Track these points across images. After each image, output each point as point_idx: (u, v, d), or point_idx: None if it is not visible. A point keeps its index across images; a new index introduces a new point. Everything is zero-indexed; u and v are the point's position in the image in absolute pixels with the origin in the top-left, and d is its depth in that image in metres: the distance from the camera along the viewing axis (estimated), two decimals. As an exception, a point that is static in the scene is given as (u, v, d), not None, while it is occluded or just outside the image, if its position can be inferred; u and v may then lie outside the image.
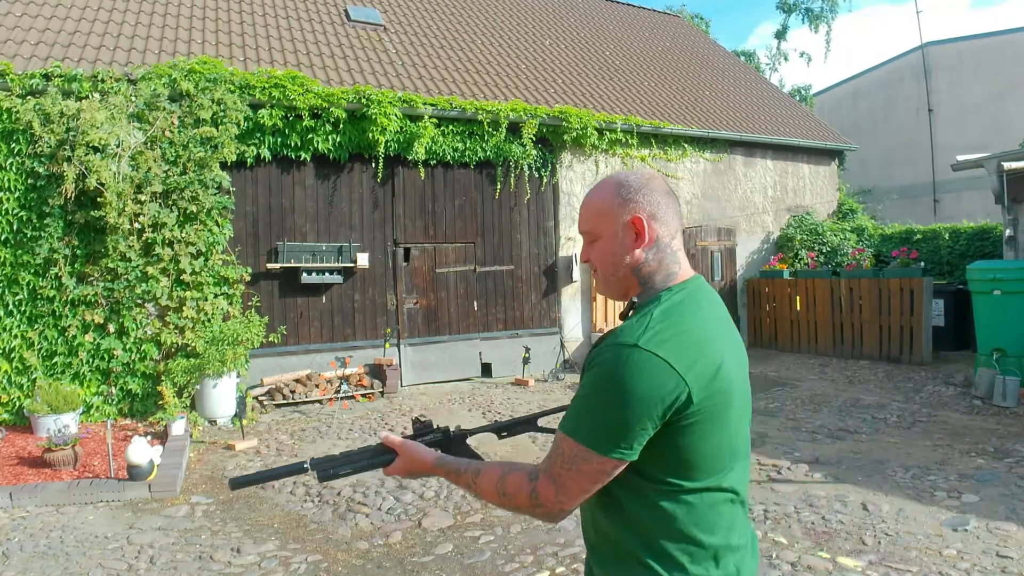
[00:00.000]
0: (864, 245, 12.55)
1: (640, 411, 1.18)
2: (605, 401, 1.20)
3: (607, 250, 1.39)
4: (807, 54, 32.00)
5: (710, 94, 13.90)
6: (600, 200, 1.39)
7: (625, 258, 1.37)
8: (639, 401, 1.17)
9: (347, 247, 8.85)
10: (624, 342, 1.21)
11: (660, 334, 1.21)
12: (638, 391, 1.17)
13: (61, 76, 7.15)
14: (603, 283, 1.44)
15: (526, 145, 9.86)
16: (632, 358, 1.18)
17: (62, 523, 4.61)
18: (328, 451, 6.26)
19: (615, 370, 1.19)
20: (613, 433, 1.19)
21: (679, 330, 1.23)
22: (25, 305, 6.96)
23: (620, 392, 1.18)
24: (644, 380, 1.17)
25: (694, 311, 1.29)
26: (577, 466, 1.23)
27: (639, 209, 1.35)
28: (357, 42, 10.61)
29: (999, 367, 7.54)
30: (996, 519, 4.30)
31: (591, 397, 1.23)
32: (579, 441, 1.21)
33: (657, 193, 1.37)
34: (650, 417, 1.18)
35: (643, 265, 1.37)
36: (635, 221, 1.35)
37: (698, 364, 1.21)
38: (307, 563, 3.98)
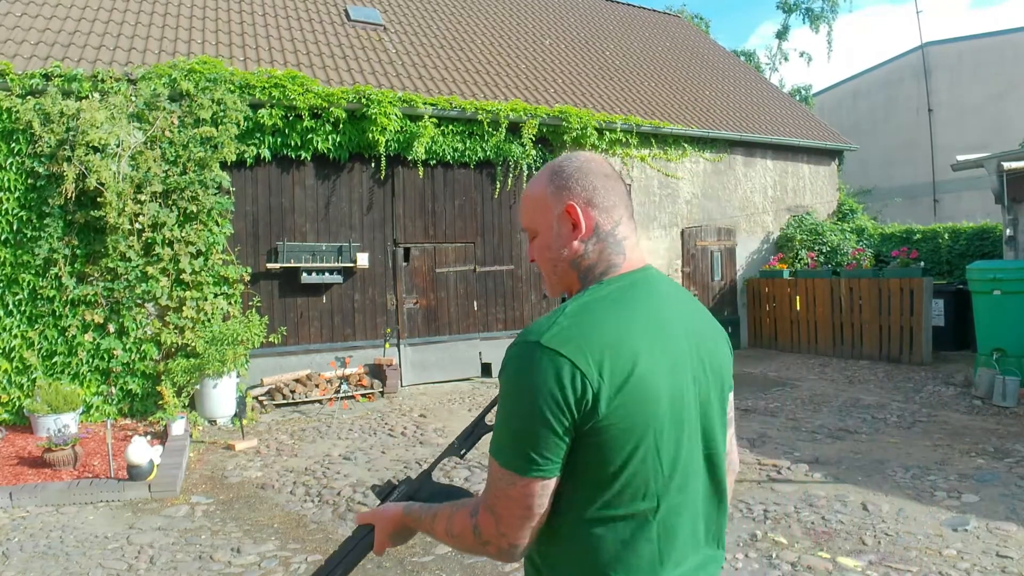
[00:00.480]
0: (864, 245, 12.55)
1: (546, 417, 1.05)
2: (513, 411, 1.09)
3: (544, 245, 1.27)
4: (807, 54, 32.00)
5: (710, 94, 13.89)
6: (534, 192, 1.28)
7: (562, 251, 1.24)
8: (543, 406, 1.05)
9: (347, 247, 8.85)
10: (528, 339, 1.10)
11: (567, 330, 1.08)
12: (541, 394, 1.05)
13: (61, 76, 7.15)
14: (547, 282, 1.32)
15: (526, 145, 9.86)
16: (534, 357, 1.06)
17: (62, 523, 4.61)
18: (328, 451, 6.26)
19: (518, 371, 1.08)
20: (525, 449, 1.07)
21: (590, 327, 1.09)
22: (25, 305, 6.96)
23: (524, 398, 1.06)
24: (546, 381, 1.04)
25: (619, 307, 1.14)
26: (506, 491, 1.09)
27: (572, 196, 1.23)
28: (357, 42, 10.61)
29: (999, 367, 7.54)
30: (996, 519, 4.29)
31: (502, 408, 1.11)
32: (500, 463, 1.10)
33: (593, 176, 1.24)
34: (559, 423, 1.05)
35: (582, 258, 1.24)
36: (569, 210, 1.22)
37: (607, 364, 1.06)
38: (307, 563, 3.98)
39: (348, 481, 5.40)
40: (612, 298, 1.16)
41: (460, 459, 1.49)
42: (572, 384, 1.04)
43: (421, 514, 1.27)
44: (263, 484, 5.38)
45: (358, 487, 5.26)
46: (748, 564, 3.79)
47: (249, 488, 5.32)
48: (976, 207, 15.55)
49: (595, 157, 1.29)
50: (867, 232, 13.08)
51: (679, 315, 1.20)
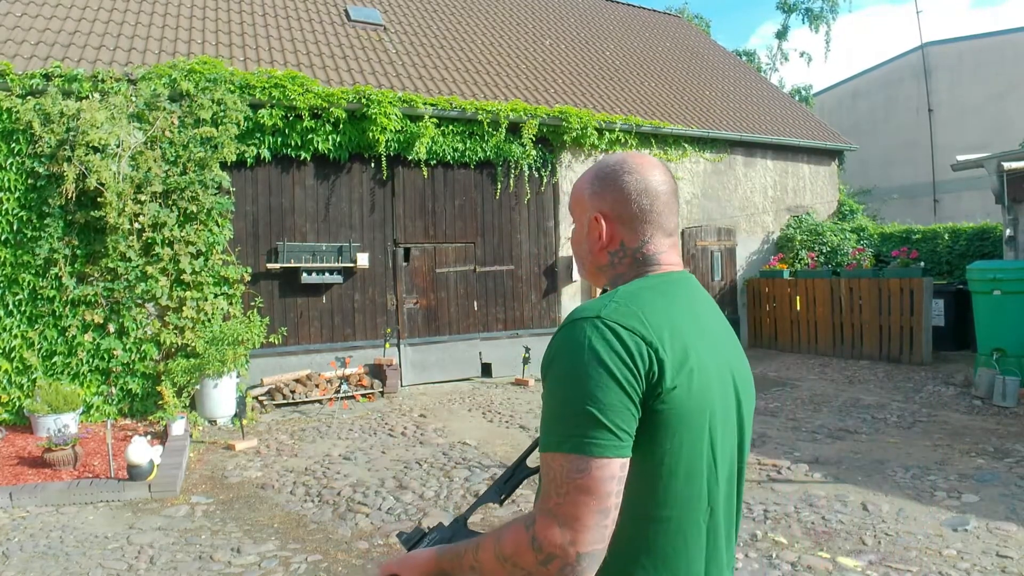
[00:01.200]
0: (864, 245, 12.55)
1: (619, 382, 0.98)
2: (576, 388, 0.99)
3: (577, 239, 1.29)
4: (807, 54, 32.00)
5: (710, 94, 13.89)
6: (579, 185, 1.27)
7: (589, 254, 1.26)
8: (616, 371, 0.98)
9: (347, 247, 8.85)
10: (583, 316, 1.05)
11: (625, 307, 1.05)
12: (612, 361, 0.99)
13: (61, 76, 7.15)
14: (578, 267, 1.34)
15: (526, 145, 9.86)
16: (596, 330, 1.01)
17: (62, 523, 4.61)
18: (328, 451, 6.26)
19: (578, 347, 1.01)
20: (600, 422, 0.97)
21: (648, 308, 1.07)
22: (25, 305, 6.96)
23: (591, 370, 0.98)
24: (613, 349, 0.99)
25: (667, 299, 1.12)
26: (575, 484, 0.96)
27: (603, 205, 1.20)
28: (357, 42, 10.61)
29: (999, 367, 7.54)
30: (996, 519, 4.29)
31: (560, 390, 1.01)
32: (566, 451, 0.97)
33: (630, 189, 1.19)
34: (632, 389, 0.99)
35: (608, 266, 1.23)
36: (596, 220, 1.21)
37: (667, 341, 1.03)
38: (307, 563, 3.98)
39: (348, 481, 5.40)
40: (660, 289, 1.14)
41: (499, 505, 1.29)
42: (639, 352, 1.00)
43: (460, 550, 1.11)
44: (263, 484, 5.38)
45: (358, 487, 5.26)
46: (748, 564, 3.79)
47: (249, 488, 5.32)
48: (976, 207, 15.55)
49: (644, 165, 1.21)
50: (867, 232, 13.08)
51: (713, 322, 1.20)
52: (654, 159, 1.24)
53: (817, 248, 12.33)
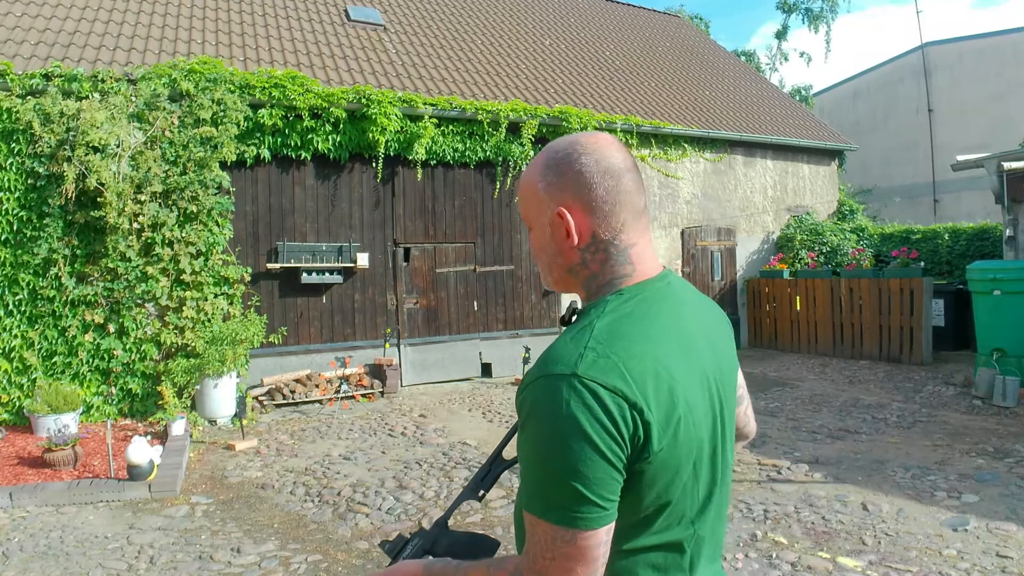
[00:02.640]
0: (864, 245, 12.56)
1: (604, 455, 0.92)
2: (557, 456, 0.92)
3: (538, 246, 1.13)
4: (807, 54, 32.02)
5: (710, 94, 13.90)
6: (528, 180, 1.11)
7: (557, 257, 1.10)
8: (599, 442, 0.91)
9: (347, 247, 8.86)
10: (557, 372, 0.94)
11: (605, 358, 0.95)
12: (594, 429, 0.91)
13: (61, 76, 7.15)
14: (543, 277, 1.18)
15: (526, 145, 9.86)
16: (574, 393, 0.92)
17: (62, 523, 4.61)
18: (328, 451, 6.26)
19: (554, 412, 0.92)
20: (585, 497, 0.92)
21: (627, 353, 0.96)
22: (25, 305, 6.96)
23: (571, 438, 0.91)
24: (596, 416, 0.91)
25: (648, 326, 1.02)
26: (562, 552, 0.93)
27: (564, 197, 1.06)
28: (357, 42, 10.61)
29: (999, 367, 7.54)
30: (996, 519, 4.29)
31: (539, 458, 0.94)
32: (552, 521, 0.93)
33: (591, 173, 1.05)
34: (617, 459, 0.93)
35: (580, 266, 1.09)
36: (560, 215, 1.06)
37: (652, 394, 0.95)
38: (307, 563, 3.98)
39: (348, 481, 5.40)
40: (639, 314, 1.03)
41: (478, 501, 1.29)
42: (623, 418, 0.92)
43: (449, 571, 1.08)
44: (263, 484, 5.38)
45: (358, 487, 5.26)
46: (748, 564, 3.79)
47: (249, 488, 5.32)
48: (976, 207, 15.56)
49: (598, 143, 1.08)
50: (867, 232, 13.09)
51: (699, 325, 1.11)
52: (605, 135, 1.11)
53: (817, 248, 12.33)
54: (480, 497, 1.26)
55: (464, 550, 1.19)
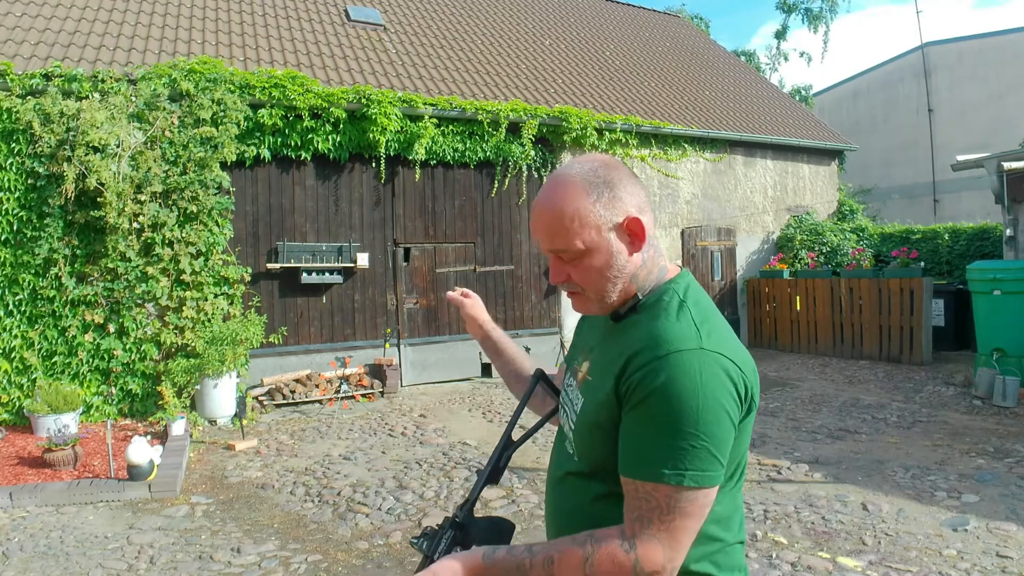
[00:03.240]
0: (864, 245, 12.56)
1: (731, 418, 1.05)
2: (692, 423, 1.01)
3: (603, 265, 1.16)
4: (807, 54, 32.02)
5: (710, 94, 13.90)
6: (574, 207, 1.14)
7: (625, 267, 1.16)
8: (728, 407, 1.04)
9: (347, 247, 8.86)
10: (687, 347, 1.05)
11: (714, 333, 1.09)
12: (723, 399, 1.03)
13: (61, 76, 7.15)
14: (596, 302, 1.20)
15: (526, 145, 9.86)
16: (707, 364, 1.04)
17: (62, 523, 4.61)
18: (328, 451, 6.26)
19: (690, 381, 1.02)
20: (713, 456, 1.03)
21: (723, 329, 1.12)
22: (25, 305, 6.96)
23: (706, 404, 1.02)
24: (724, 383, 1.04)
25: (710, 305, 1.18)
26: (682, 510, 1.03)
27: (628, 206, 1.15)
28: (357, 42, 10.61)
29: (999, 367, 7.54)
30: (996, 519, 4.29)
31: (672, 424, 1.02)
32: (678, 483, 1.02)
33: (630, 179, 1.18)
34: (735, 419, 1.06)
35: (641, 268, 1.19)
36: (631, 223, 1.15)
37: (747, 362, 1.11)
38: (307, 563, 3.98)
39: (348, 481, 5.40)
40: (702, 298, 1.18)
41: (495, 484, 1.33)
42: (742, 383, 1.07)
43: (521, 561, 1.10)
44: (263, 484, 5.38)
45: (358, 487, 5.26)
46: (748, 564, 3.79)
47: (249, 488, 5.32)
48: (976, 207, 15.56)
49: (613, 159, 1.21)
50: (867, 232, 13.09)
51: None
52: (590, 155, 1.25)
53: (817, 248, 12.33)
54: (498, 481, 1.31)
55: (489, 535, 1.22)
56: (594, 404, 1.17)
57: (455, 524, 1.22)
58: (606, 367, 1.16)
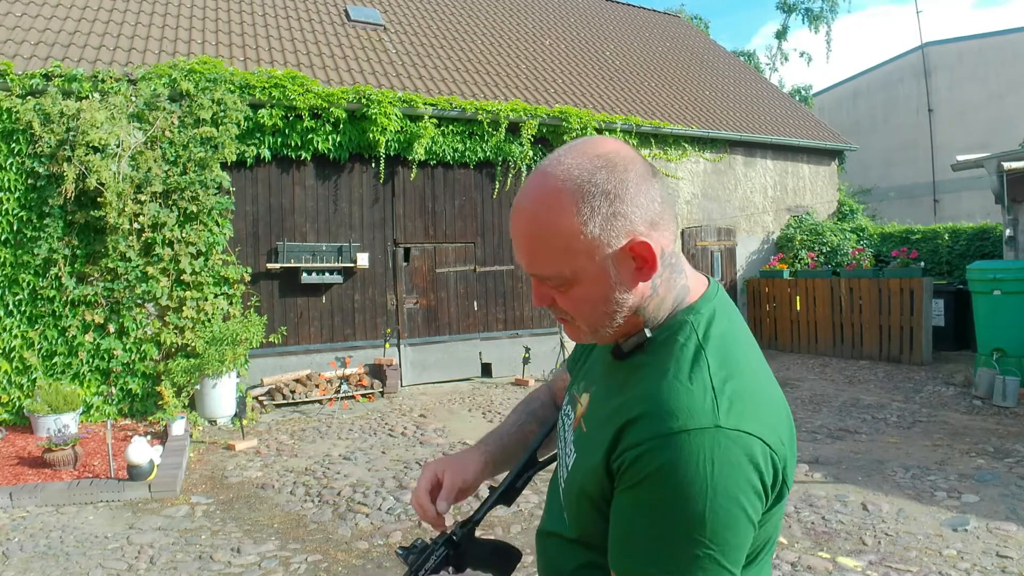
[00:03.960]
0: (864, 245, 12.56)
1: (749, 517, 0.81)
2: (696, 524, 0.79)
3: (596, 298, 0.91)
4: (807, 54, 32.03)
5: (710, 94, 13.90)
6: (559, 226, 0.87)
7: (626, 299, 0.91)
8: (747, 505, 0.80)
9: (347, 247, 8.85)
10: (698, 425, 0.81)
11: (739, 397, 0.84)
12: (741, 496, 0.80)
13: (61, 76, 7.15)
14: (589, 334, 0.97)
15: (525, 145, 9.86)
16: (723, 451, 0.80)
17: (62, 523, 4.61)
18: (328, 451, 6.26)
19: (702, 475, 0.79)
20: (720, 566, 0.80)
21: (751, 379, 0.87)
22: (25, 305, 6.96)
23: (719, 507, 0.79)
24: (746, 477, 0.80)
25: (747, 349, 0.92)
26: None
27: (633, 223, 0.87)
28: (357, 42, 10.61)
29: (999, 367, 7.54)
30: (996, 519, 4.29)
31: (669, 519, 0.81)
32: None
33: (641, 183, 0.89)
34: (758, 515, 0.83)
35: (649, 299, 0.93)
36: (635, 248, 0.88)
37: (781, 428, 0.87)
38: (307, 563, 3.98)
39: (348, 481, 5.40)
40: (731, 336, 0.92)
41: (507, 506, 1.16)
42: (771, 470, 0.83)
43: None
44: (263, 484, 5.38)
45: (358, 487, 5.26)
46: (748, 564, 3.79)
47: (249, 488, 5.32)
48: (976, 207, 15.56)
49: (627, 152, 0.91)
50: (867, 232, 13.09)
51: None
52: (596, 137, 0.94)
53: (817, 248, 12.33)
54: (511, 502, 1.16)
55: (489, 561, 1.10)
56: (583, 470, 0.96)
57: (450, 542, 1.08)
58: (600, 423, 0.94)
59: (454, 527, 1.11)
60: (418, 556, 1.07)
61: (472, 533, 1.11)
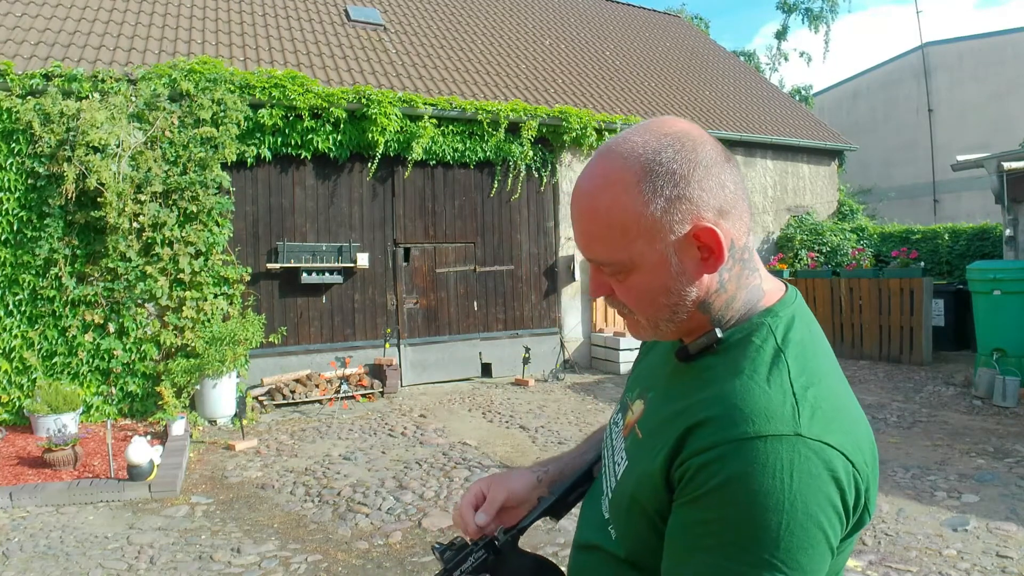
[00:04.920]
0: (864, 245, 12.56)
1: (828, 544, 0.73)
2: (773, 548, 0.71)
3: (656, 287, 0.85)
4: (807, 54, 32.03)
5: (710, 94, 13.90)
6: (620, 207, 0.82)
7: (689, 292, 0.84)
8: (825, 530, 0.72)
9: (347, 247, 8.86)
10: (777, 432, 0.73)
11: (822, 405, 0.76)
12: (821, 515, 0.72)
13: (61, 76, 7.15)
14: (649, 328, 0.90)
15: (525, 145, 9.86)
16: (803, 462, 0.72)
17: (62, 523, 4.61)
18: (328, 451, 6.26)
19: (778, 488, 0.71)
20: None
21: (836, 387, 0.81)
22: (25, 305, 6.96)
23: (796, 525, 0.71)
24: (827, 494, 0.72)
25: (828, 358, 0.85)
26: None
27: (700, 208, 0.81)
28: (357, 42, 10.61)
29: (999, 367, 7.53)
30: (996, 519, 4.30)
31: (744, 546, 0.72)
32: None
33: (713, 167, 0.83)
34: (834, 547, 0.75)
35: (716, 294, 0.86)
36: (699, 234, 0.81)
37: (864, 444, 0.79)
38: (307, 563, 3.98)
39: (348, 481, 5.40)
40: (811, 344, 0.85)
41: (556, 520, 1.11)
42: (850, 490, 0.74)
43: None
44: (263, 484, 5.38)
45: (358, 487, 5.26)
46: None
47: (249, 488, 5.32)
48: (976, 207, 15.57)
49: (699, 132, 0.85)
50: (867, 232, 13.09)
51: None
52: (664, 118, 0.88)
53: (817, 248, 12.33)
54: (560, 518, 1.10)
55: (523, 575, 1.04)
56: (637, 477, 0.87)
57: (491, 545, 1.02)
58: (660, 426, 0.87)
59: (498, 531, 1.05)
60: (455, 554, 1.01)
61: (516, 541, 1.05)
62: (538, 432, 6.79)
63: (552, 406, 8.01)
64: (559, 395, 8.72)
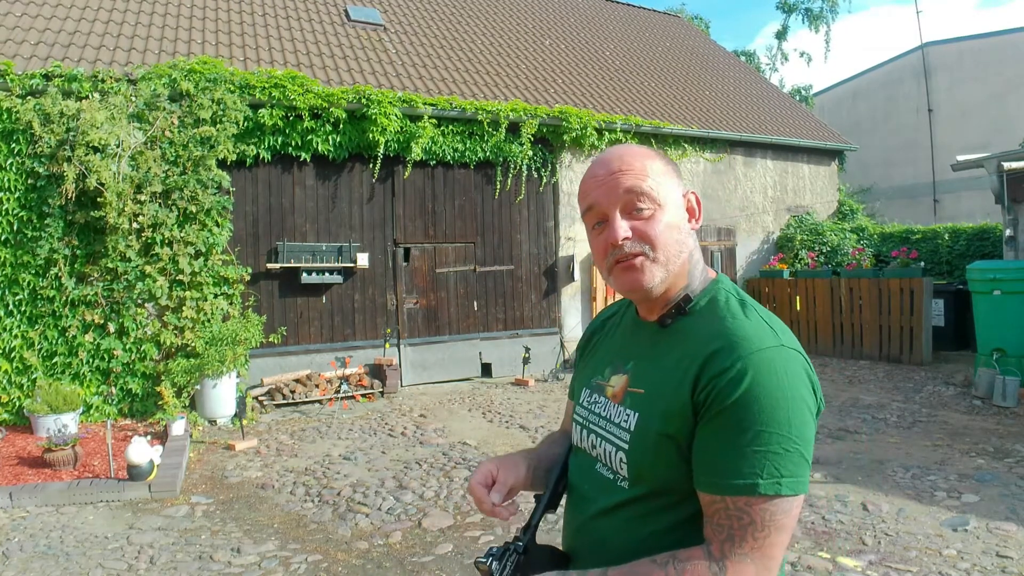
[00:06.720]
0: (864, 245, 12.56)
1: (813, 420, 1.01)
2: (786, 427, 0.96)
3: (676, 222, 1.13)
4: (807, 54, 32.02)
5: (710, 94, 13.90)
6: (662, 162, 1.15)
7: (687, 240, 1.14)
8: (811, 410, 1.00)
9: (347, 247, 8.85)
10: (768, 345, 1.00)
11: (781, 327, 1.06)
12: (807, 399, 1.00)
13: (61, 76, 7.15)
14: (658, 269, 1.11)
15: (525, 145, 9.86)
16: (789, 363, 1.00)
17: (62, 523, 4.61)
18: (328, 451, 6.26)
19: (780, 383, 0.97)
20: (806, 461, 0.98)
21: (780, 320, 1.09)
22: (25, 305, 6.96)
23: (797, 407, 0.98)
24: (806, 382, 1.01)
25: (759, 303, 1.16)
26: (776, 524, 0.96)
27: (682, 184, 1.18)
28: (357, 42, 10.61)
29: (999, 367, 7.53)
30: (996, 519, 4.29)
31: (768, 431, 0.96)
32: (775, 493, 0.95)
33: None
34: (814, 411, 1.02)
35: (693, 252, 1.16)
36: (688, 196, 1.17)
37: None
38: (307, 563, 3.98)
39: (348, 481, 5.40)
40: (749, 296, 1.16)
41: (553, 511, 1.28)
42: (811, 374, 1.04)
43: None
44: (263, 484, 5.38)
45: (358, 487, 5.26)
46: (748, 564, 3.78)
47: (249, 488, 5.32)
48: (976, 207, 15.56)
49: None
50: (867, 232, 13.09)
51: None
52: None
53: (817, 248, 12.33)
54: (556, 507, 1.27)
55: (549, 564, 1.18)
56: (660, 415, 1.06)
57: (515, 547, 1.15)
58: (667, 375, 1.08)
59: (519, 533, 1.19)
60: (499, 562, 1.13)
61: (534, 536, 1.19)
62: (538, 432, 6.79)
63: (552, 406, 8.00)
64: (559, 395, 8.72)
